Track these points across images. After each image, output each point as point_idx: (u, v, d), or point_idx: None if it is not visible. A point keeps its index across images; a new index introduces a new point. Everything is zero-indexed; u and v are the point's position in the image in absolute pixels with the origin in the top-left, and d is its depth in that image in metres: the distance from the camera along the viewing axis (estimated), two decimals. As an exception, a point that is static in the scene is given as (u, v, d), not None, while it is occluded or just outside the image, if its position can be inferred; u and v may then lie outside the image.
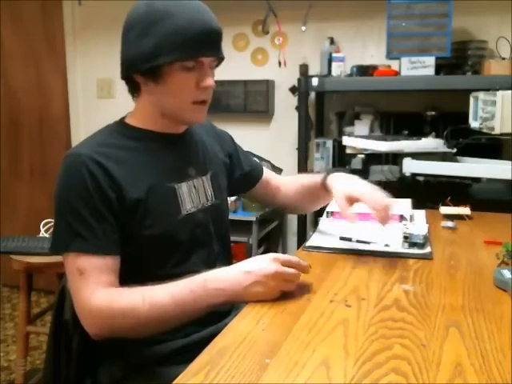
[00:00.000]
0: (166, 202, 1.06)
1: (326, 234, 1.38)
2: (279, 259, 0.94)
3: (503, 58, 2.30)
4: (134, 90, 1.10)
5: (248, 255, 2.52)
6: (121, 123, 1.13)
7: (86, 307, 0.95)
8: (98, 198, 0.98)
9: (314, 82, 2.32)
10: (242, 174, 1.33)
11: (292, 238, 2.91)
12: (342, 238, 1.32)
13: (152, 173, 1.06)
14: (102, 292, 0.95)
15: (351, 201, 1.18)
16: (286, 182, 1.42)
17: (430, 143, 2.15)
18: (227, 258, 1.25)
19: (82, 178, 0.98)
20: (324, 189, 1.28)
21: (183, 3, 1.02)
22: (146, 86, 1.07)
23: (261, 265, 0.93)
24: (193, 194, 1.12)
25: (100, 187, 0.98)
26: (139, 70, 1.03)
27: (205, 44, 1.01)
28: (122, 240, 1.01)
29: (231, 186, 1.29)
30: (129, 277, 0.99)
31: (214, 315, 1.11)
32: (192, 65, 1.02)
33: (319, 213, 1.55)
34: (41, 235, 2.11)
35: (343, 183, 1.23)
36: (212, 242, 1.17)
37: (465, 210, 1.56)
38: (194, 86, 1.04)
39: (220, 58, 1.08)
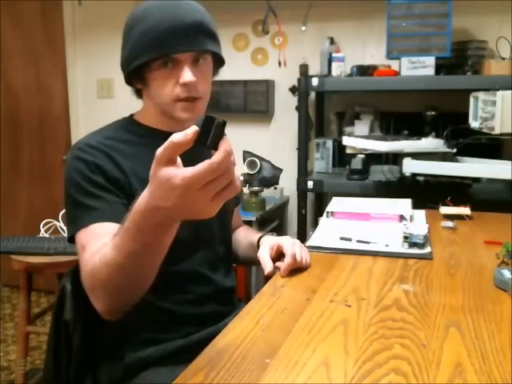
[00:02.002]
0: None
1: (326, 234, 1.38)
2: (189, 184, 0.67)
3: (503, 58, 2.30)
4: (137, 91, 1.13)
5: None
6: (129, 119, 1.15)
7: (83, 279, 0.91)
8: (104, 179, 0.99)
9: (314, 82, 2.32)
10: None
11: (292, 238, 2.90)
12: (342, 238, 1.32)
13: None
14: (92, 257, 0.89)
15: (273, 248, 1.15)
16: (238, 229, 1.37)
17: (430, 143, 2.15)
18: (229, 259, 1.25)
19: (87, 161, 1.00)
20: (257, 246, 1.23)
21: (159, 4, 1.02)
22: (141, 87, 1.10)
23: (169, 198, 0.69)
24: None
25: (106, 172, 1.00)
26: (127, 73, 1.06)
27: (175, 40, 1.00)
28: None
29: None
30: None
31: (214, 315, 1.12)
32: (168, 63, 1.02)
33: (319, 213, 1.55)
34: (41, 235, 2.11)
35: (270, 239, 1.20)
36: (215, 243, 1.17)
37: (465, 210, 1.56)
38: (173, 84, 1.03)
39: (203, 51, 1.04)
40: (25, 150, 3.39)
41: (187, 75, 1.01)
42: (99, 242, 0.90)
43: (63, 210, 1.06)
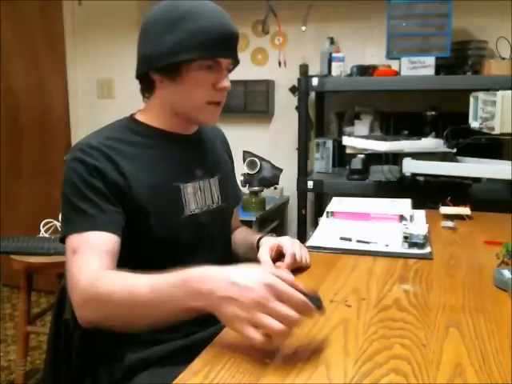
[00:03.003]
0: (170, 201, 1.07)
1: (326, 234, 1.38)
2: (275, 288, 0.72)
3: (503, 58, 2.30)
4: (149, 88, 1.11)
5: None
6: (131, 119, 1.14)
7: (73, 286, 0.91)
8: (103, 183, 0.98)
9: (314, 82, 2.32)
10: None
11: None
12: (342, 238, 1.32)
13: (158, 171, 1.06)
14: (90, 270, 0.90)
15: (273, 249, 1.15)
16: (236, 229, 1.36)
17: (430, 143, 2.15)
18: (229, 261, 1.25)
19: (87, 164, 0.99)
20: (257, 247, 1.23)
21: (205, 5, 1.04)
22: (161, 83, 1.07)
23: (248, 282, 0.74)
24: (198, 195, 1.12)
25: (106, 175, 0.99)
26: (158, 66, 1.04)
27: (224, 45, 1.04)
28: (124, 236, 1.00)
29: None
30: None
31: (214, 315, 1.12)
32: (210, 65, 1.04)
33: (319, 213, 1.55)
34: (41, 235, 2.11)
35: (270, 240, 1.20)
36: (215, 244, 1.17)
37: (465, 210, 1.56)
38: (210, 86, 1.06)
39: (236, 62, 1.11)
40: (25, 150, 3.39)
41: (227, 81, 1.07)
42: (95, 255, 0.91)
43: (63, 210, 1.05)
